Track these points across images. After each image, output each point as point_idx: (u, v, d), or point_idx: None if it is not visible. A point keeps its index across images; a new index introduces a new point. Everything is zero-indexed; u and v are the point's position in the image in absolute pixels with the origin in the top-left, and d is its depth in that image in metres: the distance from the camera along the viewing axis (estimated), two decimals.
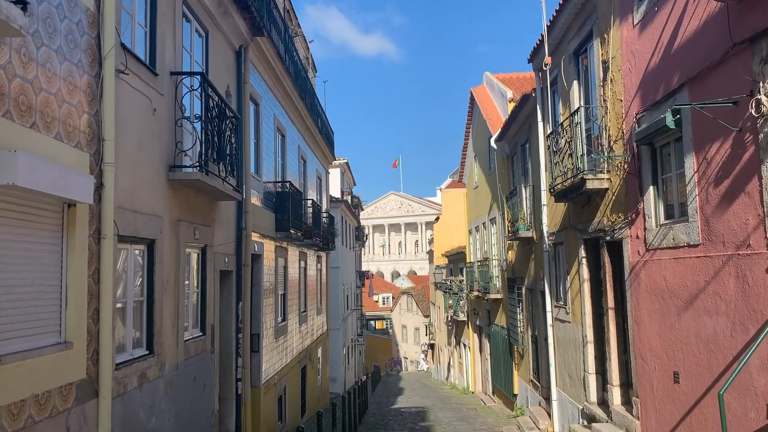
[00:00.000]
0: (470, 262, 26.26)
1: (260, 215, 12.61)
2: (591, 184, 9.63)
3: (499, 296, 20.18)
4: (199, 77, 7.82)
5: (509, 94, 19.40)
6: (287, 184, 14.41)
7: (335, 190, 33.13)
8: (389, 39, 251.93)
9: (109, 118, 5.83)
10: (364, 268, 55.59)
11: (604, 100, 9.76)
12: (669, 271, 7.66)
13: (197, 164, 7.62)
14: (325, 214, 21.68)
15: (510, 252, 18.46)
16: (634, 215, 8.68)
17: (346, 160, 35.28)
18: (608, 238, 9.68)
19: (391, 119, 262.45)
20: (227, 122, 8.91)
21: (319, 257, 21.89)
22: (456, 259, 32.62)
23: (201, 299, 8.96)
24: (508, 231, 16.99)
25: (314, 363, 20.57)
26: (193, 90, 7.91)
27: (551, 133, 11.49)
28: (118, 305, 6.36)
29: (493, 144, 18.76)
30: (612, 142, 9.50)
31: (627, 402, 9.67)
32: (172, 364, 7.62)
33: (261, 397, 12.39)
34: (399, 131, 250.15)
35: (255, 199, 12.27)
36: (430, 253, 46.93)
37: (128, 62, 6.41)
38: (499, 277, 20.47)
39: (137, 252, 6.89)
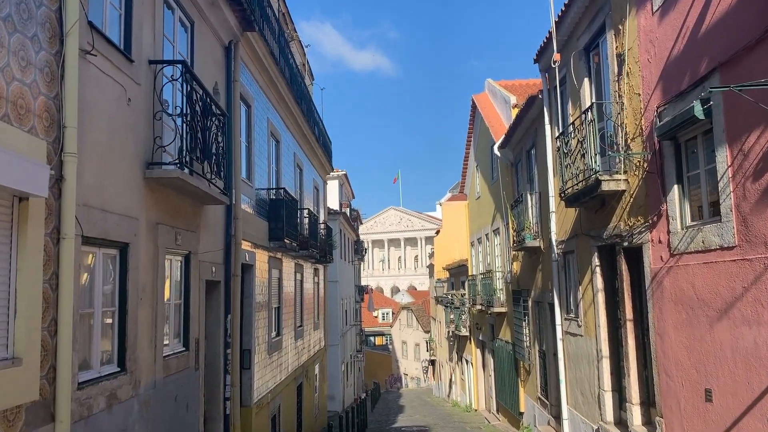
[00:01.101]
0: (472, 275, 25.50)
1: (252, 223, 11.90)
2: (606, 186, 8.93)
3: (503, 310, 19.40)
4: (180, 66, 7.13)
5: (513, 99, 18.76)
6: (281, 191, 13.70)
7: (333, 203, 32.45)
8: (384, 54, 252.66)
9: (72, 103, 5.14)
10: (363, 283, 54.80)
11: (620, 96, 9.08)
12: (698, 277, 6.93)
13: (177, 161, 6.91)
14: (322, 226, 20.97)
15: (515, 263, 17.72)
16: (655, 218, 7.97)
17: (344, 172, 34.62)
18: (626, 244, 8.96)
19: (388, 134, 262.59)
20: (213, 119, 8.23)
21: (316, 270, 21.14)
22: (457, 272, 31.85)
23: (184, 311, 8.21)
24: (513, 241, 16.26)
25: (311, 380, 19.75)
26: (174, 80, 7.23)
27: (561, 134, 10.81)
28: (83, 316, 5.63)
29: (496, 151, 18.08)
30: (629, 140, 8.81)
31: (648, 422, 8.89)
32: (149, 382, 6.86)
33: (252, 417, 11.60)
34: (397, 146, 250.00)
35: (246, 206, 11.57)
36: (431, 267, 46.14)
37: (97, 44, 5.72)
38: (503, 289, 19.71)
39: (107, 257, 6.17)
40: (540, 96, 13.34)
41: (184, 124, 7.02)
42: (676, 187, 7.46)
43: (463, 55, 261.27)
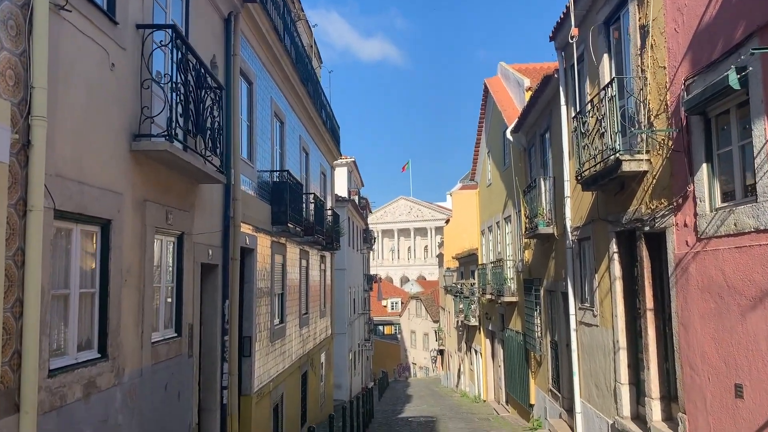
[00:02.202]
0: (482, 264, 24.95)
1: (253, 205, 11.42)
2: (627, 167, 8.35)
3: (514, 299, 18.86)
4: (170, 31, 6.62)
5: (526, 82, 18.14)
6: (285, 174, 13.20)
7: (342, 190, 31.94)
8: (391, 42, 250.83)
9: (41, 62, 4.64)
10: (372, 273, 54.36)
11: (643, 71, 8.49)
12: (729, 263, 6.38)
13: (165, 133, 6.41)
14: (329, 212, 20.48)
15: (527, 251, 17.16)
16: (681, 200, 7.40)
17: (353, 159, 34.07)
18: (647, 228, 8.40)
19: (398, 125, 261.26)
20: (208, 92, 7.73)
21: (323, 257, 20.68)
22: (467, 261, 31.30)
23: (176, 295, 7.75)
24: (525, 228, 15.70)
25: (317, 369, 19.33)
26: (164, 46, 6.71)
27: (578, 113, 10.23)
28: (57, 297, 5.16)
29: (508, 136, 17.49)
30: (652, 118, 8.23)
31: (669, 418, 8.36)
32: (135, 370, 6.40)
33: (252, 406, 11.16)
34: (407, 137, 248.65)
35: (247, 188, 11.08)
36: (440, 256, 45.61)
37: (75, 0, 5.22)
38: (514, 278, 19.16)
39: (87, 234, 5.69)
40: (556, 75, 12.75)
41: (174, 94, 6.51)
42: (704, 165, 6.89)
43: (471, 44, 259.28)
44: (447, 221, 43.53)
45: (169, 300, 7.62)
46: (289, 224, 13.06)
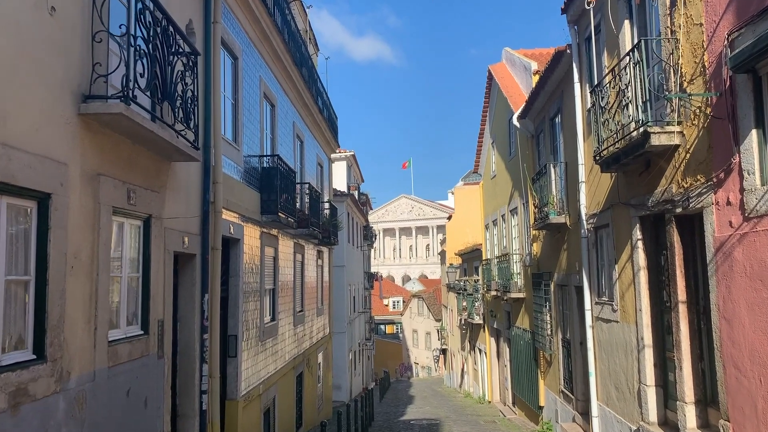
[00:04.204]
0: (487, 260, 23.94)
1: (239, 192, 10.43)
2: (657, 140, 7.34)
3: (521, 295, 17.85)
4: None
5: (534, 66, 17.13)
6: (276, 159, 12.21)
7: (341, 184, 30.96)
8: (384, 41, 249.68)
9: None
10: (373, 271, 53.35)
11: (673, 32, 7.49)
12: None
13: (121, 94, 5.43)
14: (326, 204, 19.49)
15: (535, 244, 16.16)
16: (722, 174, 6.40)
17: (352, 153, 33.06)
18: (678, 210, 7.40)
19: (396, 124, 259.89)
20: (179, 56, 6.75)
21: (320, 252, 19.69)
22: (470, 257, 30.29)
23: (143, 287, 6.76)
24: (534, 219, 14.71)
25: (313, 369, 18.34)
26: None
27: (596, 86, 9.23)
28: None
29: (515, 122, 16.50)
30: (685, 84, 7.23)
31: (706, 425, 7.36)
32: (85, 373, 5.42)
33: (239, 411, 10.19)
34: (406, 136, 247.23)
35: (232, 172, 10.11)
36: (442, 253, 44.60)
37: None
38: (521, 273, 18.15)
39: (17, 209, 4.70)
40: (568, 51, 11.75)
41: (132, 49, 5.52)
42: (754, 132, 5.89)
43: (465, 41, 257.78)
44: (449, 217, 42.58)
45: (135, 293, 6.64)
46: (280, 214, 12.07)
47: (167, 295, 7.31)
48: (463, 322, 31.37)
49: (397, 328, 66.30)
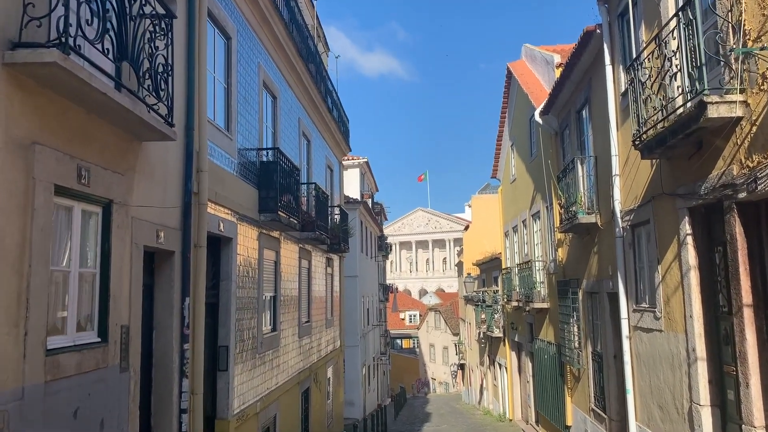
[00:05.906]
0: (507, 269, 22.67)
1: (231, 185, 9.36)
2: (714, 111, 6.15)
3: (545, 305, 16.55)
4: None
5: (557, 58, 15.99)
6: (276, 152, 11.13)
7: (354, 192, 29.89)
8: (393, 56, 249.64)
9: None
10: (389, 283, 52.09)
11: None
12: None
13: (58, 40, 4.36)
14: (336, 209, 18.39)
15: (560, 249, 14.92)
16: None
17: (365, 159, 31.98)
18: (742, 195, 6.18)
19: (410, 138, 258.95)
20: (147, 17, 5.71)
21: (329, 260, 18.56)
22: (489, 267, 29.01)
23: (101, 286, 5.66)
24: (560, 221, 13.48)
25: (322, 384, 17.15)
26: None
27: (635, 59, 8.07)
28: None
29: (537, 119, 15.32)
30: (750, 42, 6.04)
31: None
32: (10, 390, 4.32)
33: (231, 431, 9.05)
34: (421, 150, 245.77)
35: (223, 163, 9.05)
36: (459, 265, 43.30)
37: None
38: (544, 282, 16.87)
39: None
40: (598, 31, 10.60)
41: None
42: None
43: (474, 55, 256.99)
44: (466, 227, 41.37)
45: (90, 292, 5.54)
46: (280, 213, 10.96)
47: (135, 297, 6.20)
48: (481, 335, 30.02)
49: (413, 343, 64.90)
